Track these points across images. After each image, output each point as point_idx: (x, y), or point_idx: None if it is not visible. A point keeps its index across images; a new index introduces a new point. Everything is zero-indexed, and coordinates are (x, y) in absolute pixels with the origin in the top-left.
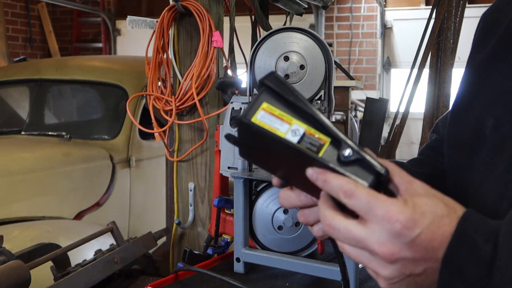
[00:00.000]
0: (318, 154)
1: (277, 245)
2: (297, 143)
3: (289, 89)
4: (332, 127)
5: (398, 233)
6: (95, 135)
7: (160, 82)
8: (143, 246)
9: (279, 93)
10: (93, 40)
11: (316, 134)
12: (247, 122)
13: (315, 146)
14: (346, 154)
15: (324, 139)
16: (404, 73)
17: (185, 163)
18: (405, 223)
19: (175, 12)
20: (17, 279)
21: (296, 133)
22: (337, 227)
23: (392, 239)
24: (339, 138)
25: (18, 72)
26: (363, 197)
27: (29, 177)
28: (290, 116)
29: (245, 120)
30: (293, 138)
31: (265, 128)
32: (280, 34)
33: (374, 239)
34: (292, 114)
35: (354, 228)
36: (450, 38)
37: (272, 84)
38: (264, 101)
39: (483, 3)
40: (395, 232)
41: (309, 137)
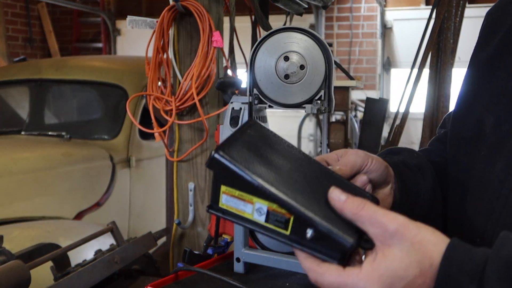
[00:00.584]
0: (287, 231)
1: (277, 245)
2: (265, 222)
3: (235, 166)
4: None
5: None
6: (95, 135)
7: (160, 82)
8: (143, 246)
9: (227, 174)
10: (93, 40)
11: (279, 209)
12: (216, 208)
13: (282, 222)
14: (309, 236)
15: (288, 214)
16: (404, 73)
17: (185, 163)
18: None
19: (175, 12)
20: (17, 279)
21: (261, 211)
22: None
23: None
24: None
25: (18, 72)
26: (332, 279)
27: (29, 177)
28: (249, 195)
29: (214, 207)
30: (260, 218)
31: (233, 212)
32: (280, 34)
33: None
34: (251, 192)
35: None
36: (450, 38)
37: (219, 166)
38: (221, 184)
39: (483, 3)
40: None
41: (274, 213)
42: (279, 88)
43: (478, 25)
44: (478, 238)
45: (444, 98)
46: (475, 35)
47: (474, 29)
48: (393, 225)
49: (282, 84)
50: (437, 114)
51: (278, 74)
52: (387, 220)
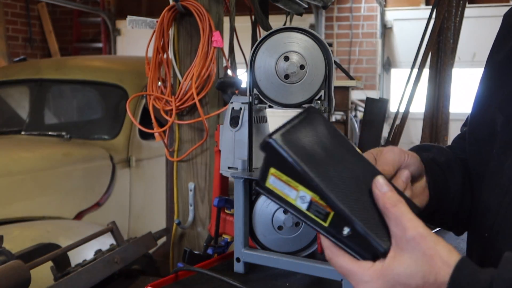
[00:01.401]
0: (325, 223)
1: (277, 245)
2: (306, 210)
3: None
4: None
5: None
6: (95, 135)
7: (160, 82)
8: (143, 246)
9: (278, 159)
10: (93, 40)
11: (321, 201)
12: (263, 187)
13: (322, 214)
14: (345, 233)
15: (329, 208)
16: (404, 73)
17: (185, 163)
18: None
19: (175, 12)
20: (17, 279)
21: (304, 200)
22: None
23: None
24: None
25: (18, 72)
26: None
27: (29, 177)
28: (296, 182)
29: (261, 185)
30: (302, 205)
31: (278, 194)
32: (280, 34)
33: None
34: (297, 180)
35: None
36: (450, 38)
37: (271, 151)
38: (271, 166)
39: (483, 3)
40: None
41: (316, 204)
42: (279, 88)
43: (478, 25)
44: (486, 233)
45: (444, 98)
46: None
47: (474, 29)
48: (412, 232)
49: (282, 84)
50: (437, 114)
51: (278, 74)
52: (410, 225)
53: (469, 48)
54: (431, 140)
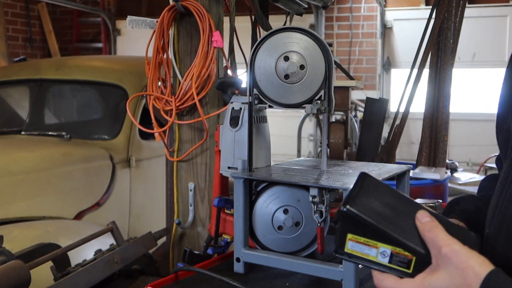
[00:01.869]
0: (409, 270)
1: (277, 245)
2: (389, 263)
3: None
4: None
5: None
6: (95, 135)
7: (160, 82)
8: (143, 246)
9: (354, 224)
10: (93, 40)
11: (402, 252)
12: (342, 253)
13: (404, 262)
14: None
15: (410, 255)
16: (404, 73)
17: (185, 163)
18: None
19: (175, 12)
20: (17, 279)
21: (385, 254)
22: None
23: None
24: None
25: (18, 72)
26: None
27: (29, 177)
28: (375, 241)
29: (340, 252)
30: (384, 260)
31: (358, 256)
32: (280, 34)
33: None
34: (375, 239)
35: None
36: (450, 38)
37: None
38: (348, 232)
39: (483, 3)
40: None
41: (397, 256)
42: (279, 88)
43: (478, 25)
44: (488, 229)
45: (444, 98)
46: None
47: (474, 29)
48: (445, 248)
49: (282, 84)
50: (437, 114)
51: (278, 74)
52: (443, 243)
53: (469, 48)
54: (431, 140)
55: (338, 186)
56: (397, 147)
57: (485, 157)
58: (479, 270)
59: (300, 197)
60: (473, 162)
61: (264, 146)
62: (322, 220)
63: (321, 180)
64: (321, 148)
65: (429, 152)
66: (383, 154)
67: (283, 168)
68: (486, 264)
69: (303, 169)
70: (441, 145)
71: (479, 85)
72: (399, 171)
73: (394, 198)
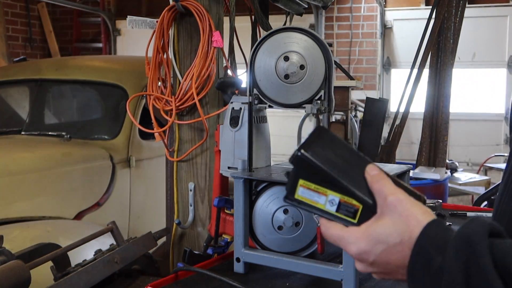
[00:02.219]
0: (355, 220)
1: (277, 245)
2: (336, 211)
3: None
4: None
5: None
6: (95, 135)
7: (160, 82)
8: (143, 246)
9: (308, 170)
10: (93, 40)
11: (350, 200)
12: (292, 199)
13: (351, 212)
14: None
15: (357, 205)
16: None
17: (185, 163)
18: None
19: (175, 12)
20: (17, 279)
21: (333, 203)
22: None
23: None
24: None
25: (18, 72)
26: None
27: (29, 177)
28: (325, 188)
29: (290, 197)
30: (331, 208)
31: (307, 203)
32: (280, 34)
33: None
34: (326, 186)
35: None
36: (450, 38)
37: (302, 162)
38: (300, 178)
39: (483, 3)
40: (356, 258)
41: (345, 205)
42: (279, 88)
43: (478, 25)
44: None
45: (444, 98)
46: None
47: (474, 29)
48: (391, 197)
49: (282, 84)
50: (437, 114)
51: (278, 74)
52: (389, 193)
53: (469, 48)
54: (431, 140)
55: None
56: (397, 147)
57: (485, 157)
58: (421, 218)
59: None
60: (473, 162)
61: (264, 146)
62: None
63: None
64: None
65: (429, 152)
66: (383, 154)
67: (283, 168)
68: (428, 213)
69: None
70: (441, 145)
71: (479, 85)
72: (399, 171)
73: (348, 151)
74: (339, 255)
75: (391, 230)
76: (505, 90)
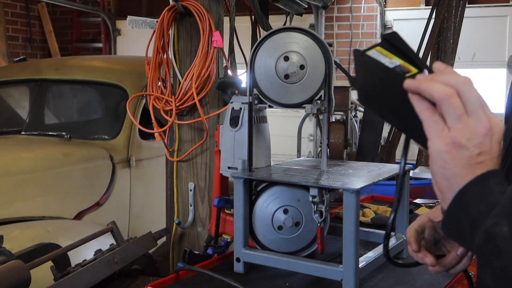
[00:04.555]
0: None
1: (277, 245)
2: (392, 67)
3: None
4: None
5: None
6: (95, 135)
7: (160, 82)
8: (143, 246)
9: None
10: (93, 40)
11: (408, 66)
12: (362, 53)
13: (404, 71)
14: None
15: (413, 69)
16: None
17: (185, 163)
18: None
19: (175, 12)
20: (17, 279)
21: (393, 63)
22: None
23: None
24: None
25: (18, 72)
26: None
27: (29, 177)
28: (393, 55)
29: (361, 51)
30: (390, 65)
31: (372, 57)
32: (280, 34)
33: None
34: (396, 54)
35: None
36: (450, 38)
37: (392, 36)
38: (379, 45)
39: (483, 3)
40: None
41: (402, 67)
42: (279, 88)
43: (478, 25)
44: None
45: None
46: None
47: (474, 29)
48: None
49: (282, 84)
50: None
51: (278, 74)
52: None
53: (469, 48)
54: None
55: (338, 186)
56: (397, 147)
57: None
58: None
59: (300, 197)
60: None
61: (264, 146)
62: (322, 220)
63: (321, 180)
64: (321, 148)
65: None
66: (383, 154)
67: (283, 168)
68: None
69: (303, 169)
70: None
71: (479, 85)
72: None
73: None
74: (339, 255)
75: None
76: (505, 90)
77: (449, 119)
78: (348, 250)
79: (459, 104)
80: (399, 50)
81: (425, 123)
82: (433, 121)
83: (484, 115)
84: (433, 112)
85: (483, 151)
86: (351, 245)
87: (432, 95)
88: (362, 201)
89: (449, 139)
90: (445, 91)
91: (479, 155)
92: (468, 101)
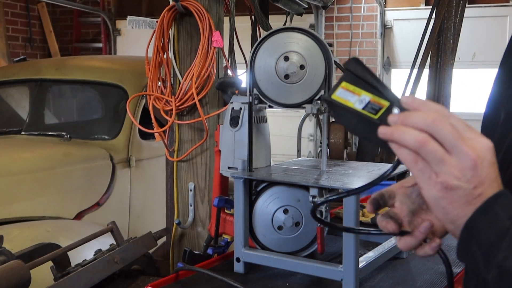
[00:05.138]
0: (375, 116)
1: (277, 245)
2: (362, 109)
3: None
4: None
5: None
6: (95, 135)
7: (160, 82)
8: (143, 246)
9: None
10: (93, 40)
11: (378, 100)
12: (328, 99)
13: (375, 109)
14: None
15: (383, 103)
16: (404, 73)
17: (185, 163)
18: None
19: (175, 12)
20: (17, 279)
21: (362, 101)
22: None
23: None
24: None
25: (18, 72)
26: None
27: (29, 177)
28: (360, 89)
29: (327, 97)
30: (359, 106)
31: (340, 102)
32: (280, 34)
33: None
34: (362, 87)
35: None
36: (450, 38)
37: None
38: (344, 80)
39: (483, 3)
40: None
41: (372, 104)
42: (279, 88)
43: (478, 25)
44: None
45: (444, 98)
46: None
47: (474, 29)
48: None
49: (282, 84)
50: None
51: (278, 74)
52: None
53: (469, 48)
54: None
55: (338, 186)
56: None
57: None
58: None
59: (300, 197)
60: None
61: (264, 146)
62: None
63: (321, 180)
64: (321, 148)
65: None
66: (383, 154)
67: (283, 168)
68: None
69: (303, 169)
70: None
71: (479, 85)
72: (399, 171)
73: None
74: (339, 255)
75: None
76: None
77: (432, 165)
78: (348, 250)
79: (436, 147)
80: (364, 80)
81: (412, 172)
82: (418, 170)
83: (466, 147)
84: (415, 159)
85: (477, 184)
86: (351, 245)
87: (406, 145)
88: (362, 201)
89: (440, 185)
90: (418, 139)
91: (474, 188)
92: (445, 140)
